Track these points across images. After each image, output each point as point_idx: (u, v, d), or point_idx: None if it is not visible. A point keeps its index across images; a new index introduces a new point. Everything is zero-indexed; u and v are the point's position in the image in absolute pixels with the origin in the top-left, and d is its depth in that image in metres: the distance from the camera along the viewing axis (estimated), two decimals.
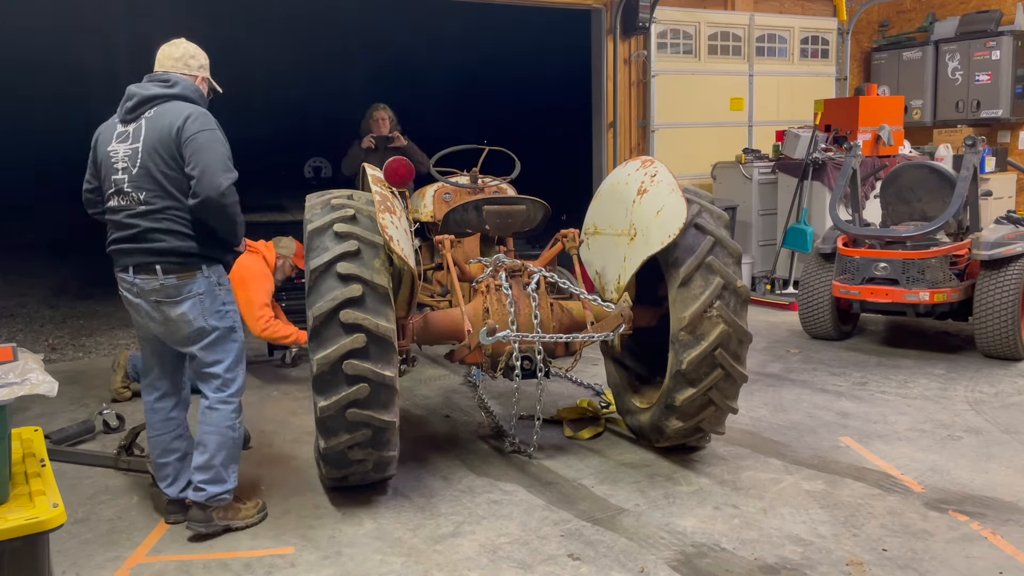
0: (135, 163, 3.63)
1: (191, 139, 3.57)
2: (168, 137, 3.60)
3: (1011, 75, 10.48)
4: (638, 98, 9.96)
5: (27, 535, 2.43)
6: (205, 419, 3.75)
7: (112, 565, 3.54)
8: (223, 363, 3.77)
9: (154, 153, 3.61)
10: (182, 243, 3.63)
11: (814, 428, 5.01)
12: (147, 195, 3.62)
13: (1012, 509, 3.86)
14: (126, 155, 3.65)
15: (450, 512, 3.97)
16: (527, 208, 4.79)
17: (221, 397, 3.77)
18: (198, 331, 3.70)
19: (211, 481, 3.72)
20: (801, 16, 11.15)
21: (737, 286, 4.13)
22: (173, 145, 3.59)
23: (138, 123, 3.69)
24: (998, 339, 6.20)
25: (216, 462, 3.72)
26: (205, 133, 3.60)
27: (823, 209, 8.55)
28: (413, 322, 4.40)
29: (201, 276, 3.68)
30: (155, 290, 3.64)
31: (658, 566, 3.42)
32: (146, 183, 3.61)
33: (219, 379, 3.78)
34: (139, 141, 3.65)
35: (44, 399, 2.63)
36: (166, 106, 3.68)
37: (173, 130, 3.59)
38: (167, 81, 3.76)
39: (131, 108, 3.72)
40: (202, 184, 3.53)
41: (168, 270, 3.62)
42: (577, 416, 5.16)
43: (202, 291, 3.68)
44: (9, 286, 9.97)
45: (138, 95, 3.71)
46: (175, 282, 3.63)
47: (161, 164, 3.60)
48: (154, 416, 3.90)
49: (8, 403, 2.54)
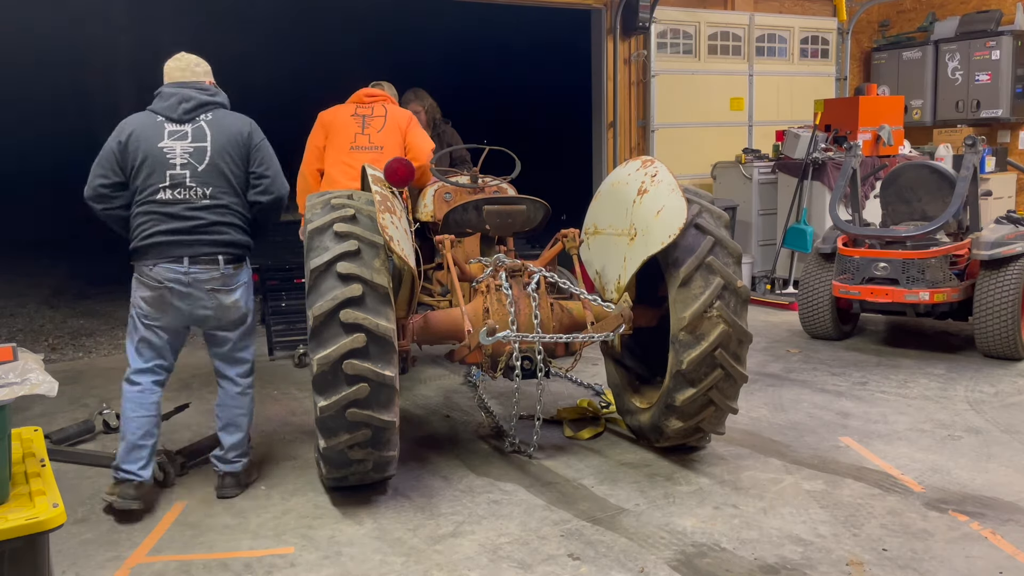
0: (202, 160, 3.98)
1: (259, 145, 4.11)
2: (239, 141, 4.05)
3: (1011, 75, 10.48)
4: (638, 98, 9.97)
5: (27, 535, 2.43)
6: (238, 403, 4.20)
7: (112, 565, 3.54)
8: (250, 348, 4.26)
9: (224, 153, 4.01)
10: (240, 236, 4.07)
11: (814, 428, 5.01)
12: (214, 190, 3.99)
13: (1012, 509, 3.86)
14: (186, 152, 3.97)
15: (450, 512, 3.97)
16: (527, 208, 4.79)
17: (250, 382, 4.25)
18: (244, 316, 4.15)
19: (244, 455, 4.24)
20: (801, 16, 11.15)
21: (737, 286, 4.13)
22: (244, 149, 4.06)
23: (197, 124, 4.03)
24: (998, 339, 6.20)
25: (246, 439, 4.25)
26: (266, 141, 4.16)
27: (823, 209, 8.55)
28: (413, 322, 4.40)
29: (246, 267, 4.14)
30: (214, 279, 3.98)
31: (658, 566, 3.42)
32: (214, 179, 3.99)
33: (247, 364, 4.25)
34: (205, 140, 4.00)
35: (44, 399, 2.63)
36: (221, 112, 4.11)
37: (244, 135, 4.07)
38: (208, 90, 4.14)
39: (189, 109, 4.03)
40: (276, 184, 4.10)
41: (228, 260, 4.01)
42: (577, 416, 5.16)
43: (246, 280, 4.15)
44: (9, 286, 9.98)
45: (196, 99, 4.05)
46: (232, 271, 4.03)
47: (231, 164, 4.02)
48: (147, 398, 4.10)
49: (8, 403, 2.53)
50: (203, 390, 6.11)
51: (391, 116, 5.75)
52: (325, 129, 5.71)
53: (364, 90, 5.91)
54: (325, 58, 16.26)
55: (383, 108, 5.78)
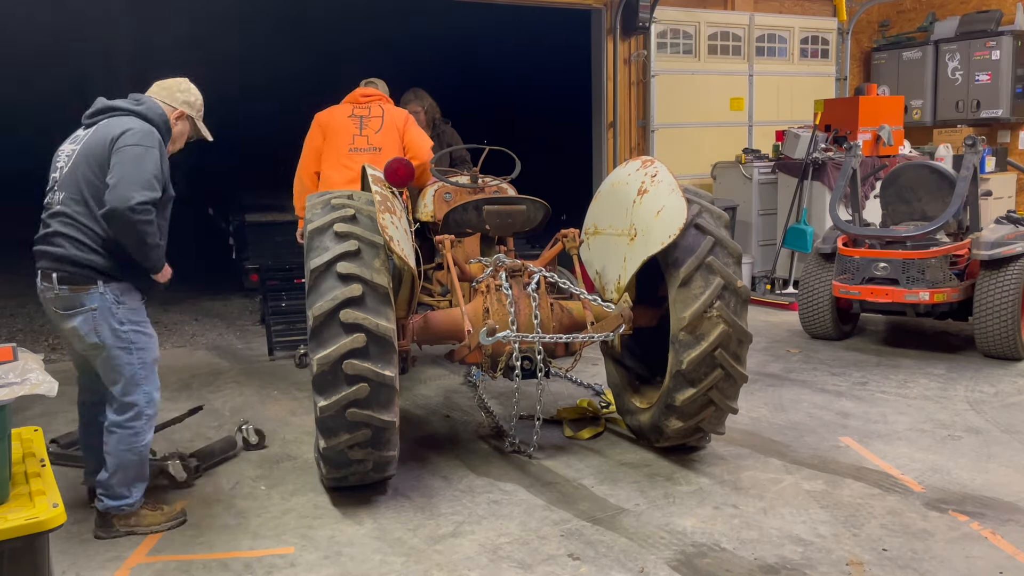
0: (68, 165, 3.65)
1: (119, 150, 3.55)
2: (102, 145, 3.59)
3: (1011, 75, 10.48)
4: (638, 98, 9.96)
5: (27, 535, 2.43)
6: (106, 438, 3.71)
7: (112, 565, 3.54)
8: (117, 384, 3.66)
9: (86, 159, 3.61)
10: (80, 253, 3.55)
11: (814, 428, 5.01)
12: (64, 197, 3.60)
13: (1012, 509, 3.86)
14: (67, 156, 3.69)
15: (450, 512, 3.97)
16: (527, 208, 4.79)
17: (116, 420, 3.68)
18: (91, 346, 3.62)
19: (108, 496, 3.73)
20: (801, 16, 11.15)
21: (737, 286, 4.13)
22: (105, 154, 3.57)
23: (89, 130, 3.73)
24: (998, 339, 6.20)
25: (113, 481, 3.69)
26: (136, 148, 3.55)
27: (823, 209, 8.55)
28: (413, 322, 4.40)
29: (96, 291, 3.58)
30: (51, 299, 3.60)
31: (658, 566, 3.42)
32: (68, 186, 3.62)
33: (115, 401, 3.68)
34: (80, 143, 3.69)
35: (44, 399, 2.63)
36: (121, 118, 3.70)
37: (108, 139, 3.59)
38: (138, 100, 3.83)
39: (90, 114, 3.78)
40: (113, 193, 3.46)
41: (62, 279, 3.55)
42: (577, 416, 5.16)
43: (95, 307, 3.57)
44: (9, 286, 9.98)
45: (100, 104, 3.79)
46: (68, 293, 3.56)
47: (87, 171, 3.59)
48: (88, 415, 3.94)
49: (8, 403, 2.54)
50: (203, 390, 6.12)
51: (388, 116, 5.75)
52: (322, 131, 5.70)
53: (359, 90, 5.91)
54: (325, 58, 16.26)
55: (380, 108, 5.77)
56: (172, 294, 9.66)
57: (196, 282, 10.26)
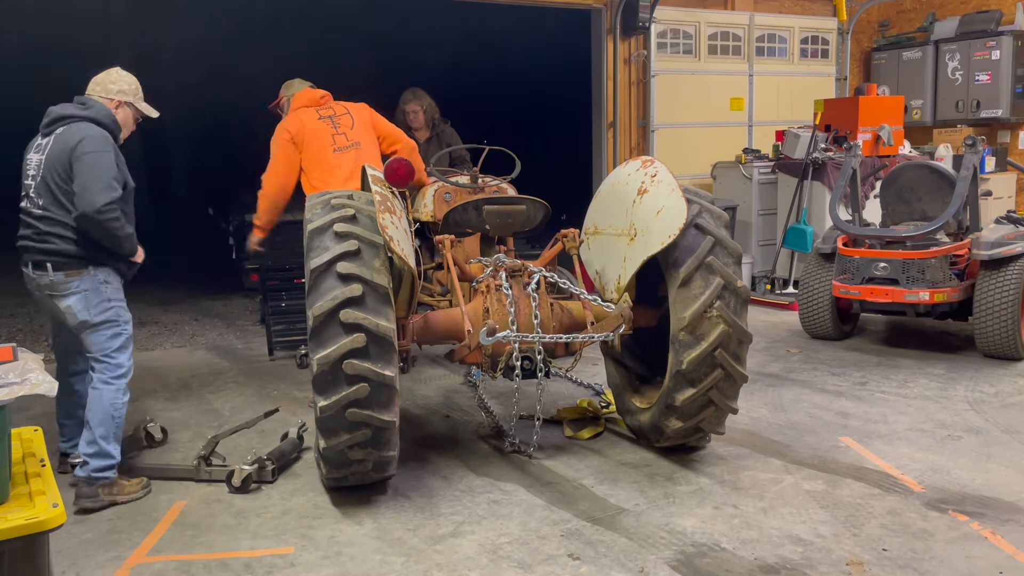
0: (39, 173, 4.20)
1: (79, 159, 4.08)
2: (64, 155, 4.13)
3: (1011, 75, 10.48)
4: (638, 98, 9.96)
5: (27, 535, 2.43)
6: (93, 400, 4.18)
7: (112, 565, 3.54)
8: (106, 351, 4.22)
9: (53, 168, 4.15)
10: (69, 246, 4.15)
11: (814, 428, 5.01)
12: (44, 202, 4.17)
13: (1012, 509, 3.86)
14: (36, 164, 4.22)
15: (450, 512, 3.97)
16: (527, 208, 4.79)
17: (105, 378, 4.20)
18: (82, 323, 4.19)
19: (96, 455, 4.10)
20: (801, 16, 11.15)
21: (737, 286, 4.13)
22: (68, 162, 4.11)
23: (49, 138, 4.24)
24: (998, 339, 6.20)
25: (98, 436, 4.12)
26: (93, 155, 4.09)
27: (823, 209, 8.55)
28: (413, 322, 4.40)
29: (87, 275, 4.19)
30: (46, 284, 4.20)
31: (658, 566, 3.42)
32: (44, 192, 4.17)
33: (103, 364, 4.22)
34: (44, 154, 4.21)
35: (44, 399, 2.63)
36: (74, 126, 4.20)
37: (68, 149, 4.12)
38: (83, 104, 4.32)
39: (46, 124, 4.28)
40: (81, 200, 4.04)
41: (57, 267, 4.16)
42: (577, 416, 5.16)
43: (87, 288, 4.18)
44: (9, 286, 9.98)
45: (54, 113, 4.28)
46: (63, 278, 4.16)
47: (56, 178, 4.14)
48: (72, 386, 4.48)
49: (8, 403, 2.54)
50: (203, 390, 6.12)
51: (355, 112, 5.78)
52: (295, 142, 5.61)
53: (308, 92, 5.86)
54: (325, 57, 16.25)
55: (341, 107, 5.81)
56: (172, 294, 9.68)
57: (196, 282, 10.27)
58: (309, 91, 5.89)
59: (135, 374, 4.85)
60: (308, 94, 5.84)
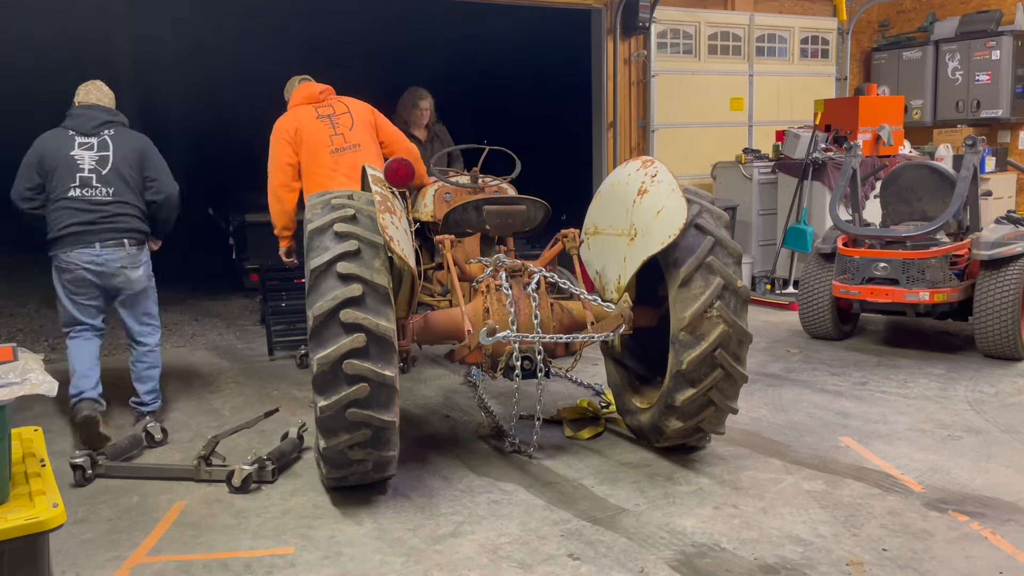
0: (105, 166, 5.01)
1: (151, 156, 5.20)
2: (135, 152, 5.12)
3: (1011, 75, 10.48)
4: (638, 98, 9.96)
5: (27, 535, 2.43)
6: (149, 359, 5.24)
7: (112, 565, 3.54)
8: (153, 312, 5.28)
9: (124, 162, 5.06)
10: (141, 224, 5.14)
11: (814, 428, 5.01)
12: (116, 189, 5.02)
13: (1012, 509, 3.86)
14: (93, 159, 5.00)
15: (450, 512, 3.97)
16: (527, 208, 4.79)
17: (155, 341, 5.29)
18: (144, 289, 5.17)
19: (157, 399, 5.31)
20: (801, 16, 11.15)
21: (737, 286, 4.12)
22: (139, 157, 5.12)
23: (101, 138, 5.06)
24: (998, 339, 6.20)
25: (157, 388, 5.31)
26: (158, 154, 5.25)
27: (823, 209, 8.56)
28: (413, 322, 4.40)
29: (147, 248, 5.21)
30: (121, 258, 5.01)
31: (658, 566, 3.42)
32: (115, 181, 5.02)
33: (153, 325, 5.28)
34: (108, 151, 5.04)
35: (44, 399, 2.63)
36: (123, 129, 5.17)
37: (139, 149, 5.15)
38: (112, 111, 5.20)
39: (95, 126, 5.06)
40: (166, 186, 5.19)
41: (132, 242, 5.06)
42: (577, 416, 5.16)
43: (147, 259, 5.19)
44: (9, 286, 9.98)
45: (100, 117, 5.09)
46: (136, 252, 5.08)
47: (128, 171, 5.07)
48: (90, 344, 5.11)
49: (8, 403, 2.54)
50: (203, 390, 6.12)
51: (354, 111, 5.71)
52: (292, 143, 5.56)
53: (308, 88, 5.80)
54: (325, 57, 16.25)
55: (341, 104, 5.72)
56: (172, 294, 9.67)
57: (196, 282, 10.27)
58: (308, 86, 5.85)
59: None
60: (307, 90, 5.79)
